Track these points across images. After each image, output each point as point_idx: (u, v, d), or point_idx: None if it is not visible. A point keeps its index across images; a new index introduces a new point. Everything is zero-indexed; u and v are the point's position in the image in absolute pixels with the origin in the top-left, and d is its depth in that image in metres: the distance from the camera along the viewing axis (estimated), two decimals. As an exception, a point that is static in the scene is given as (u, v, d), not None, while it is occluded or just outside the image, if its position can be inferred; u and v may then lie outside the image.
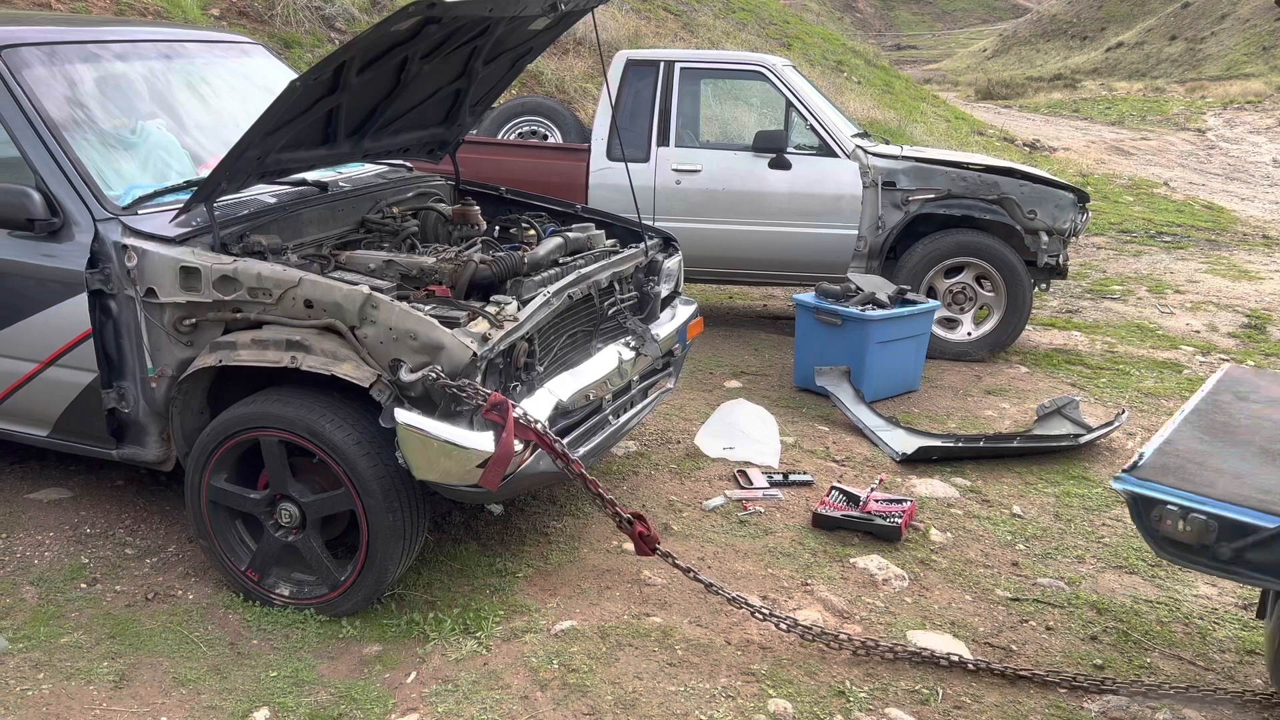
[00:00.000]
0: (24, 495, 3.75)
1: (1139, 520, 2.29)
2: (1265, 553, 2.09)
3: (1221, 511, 2.15)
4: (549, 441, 2.90)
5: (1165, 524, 2.21)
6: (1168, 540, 2.22)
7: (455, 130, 4.14)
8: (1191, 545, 2.18)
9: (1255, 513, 2.14)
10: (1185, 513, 2.17)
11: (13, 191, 3.08)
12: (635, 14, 13.37)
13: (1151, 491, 2.24)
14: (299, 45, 9.28)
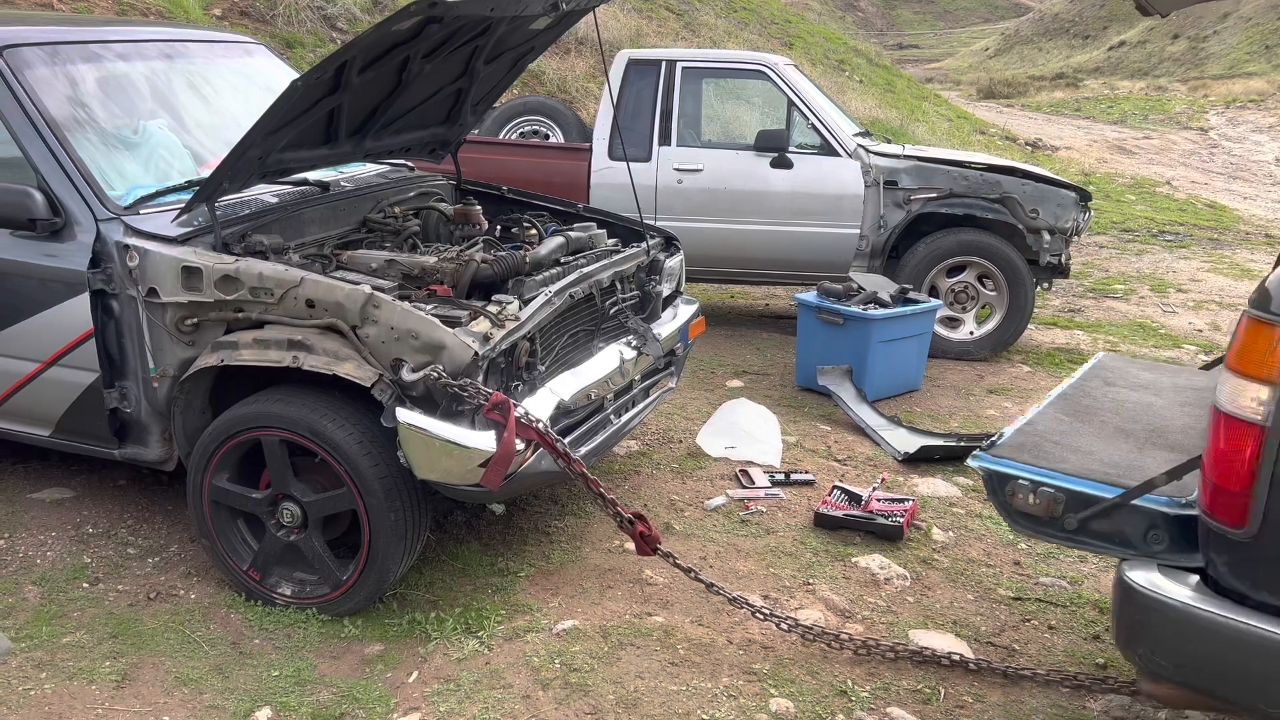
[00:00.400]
0: (26, 495, 3.75)
1: (994, 496, 2.35)
2: (1107, 522, 2.18)
3: (1068, 484, 2.23)
4: (550, 441, 2.90)
5: (1017, 498, 2.28)
6: (1020, 514, 2.29)
7: (457, 130, 4.14)
8: (1041, 518, 2.26)
9: (1099, 485, 2.22)
10: (1035, 487, 2.25)
11: (14, 191, 3.08)
12: (637, 13, 13.37)
13: (1005, 468, 2.31)
14: (301, 45, 9.29)
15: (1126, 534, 2.17)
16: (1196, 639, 1.97)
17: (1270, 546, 1.87)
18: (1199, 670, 2.01)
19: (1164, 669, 2.04)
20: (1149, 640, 2.04)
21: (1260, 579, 1.92)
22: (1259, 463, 1.84)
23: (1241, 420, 1.86)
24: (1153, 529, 2.14)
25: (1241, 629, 1.92)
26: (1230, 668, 1.96)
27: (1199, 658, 1.99)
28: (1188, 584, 2.02)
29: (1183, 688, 2.09)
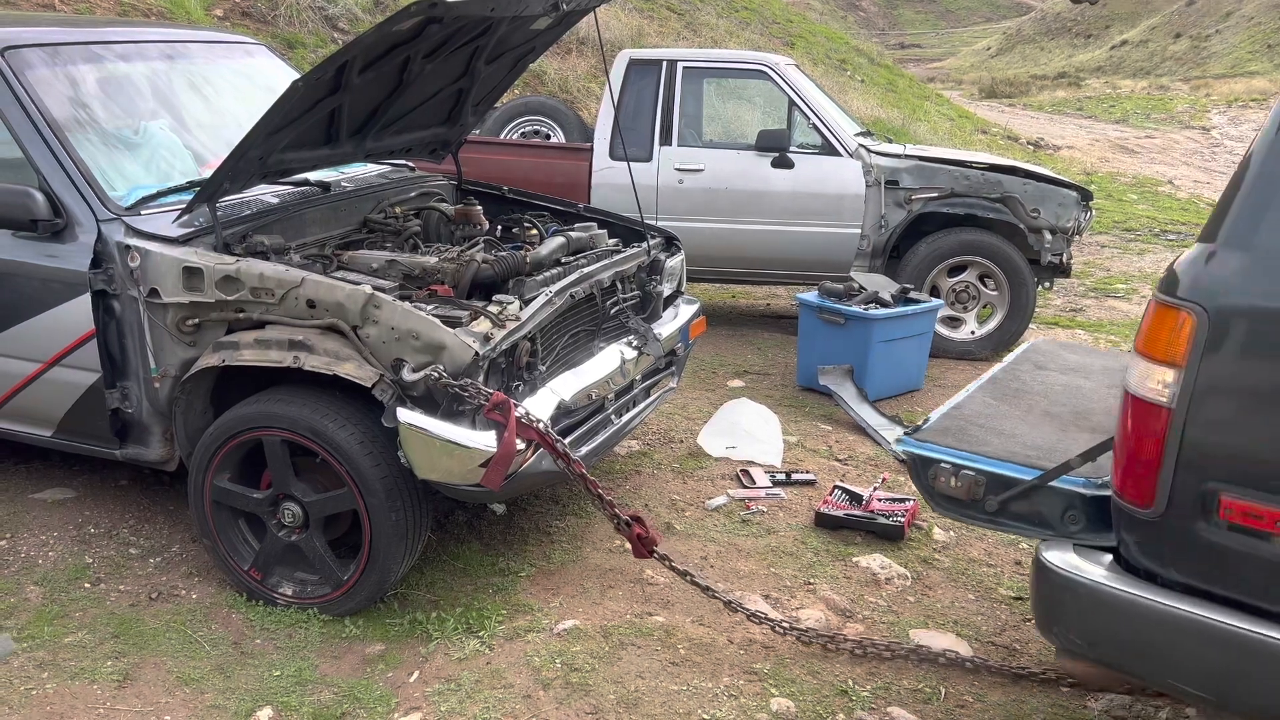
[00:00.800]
0: (28, 495, 3.76)
1: (918, 479, 2.38)
2: (1026, 504, 2.21)
3: (988, 467, 2.26)
4: (551, 441, 2.90)
5: (940, 481, 2.31)
6: (943, 496, 2.32)
7: (458, 130, 4.14)
8: (963, 500, 2.29)
9: (1018, 467, 2.25)
10: (957, 470, 2.28)
11: (16, 192, 3.09)
12: (638, 13, 13.37)
13: (928, 451, 2.34)
14: (302, 45, 9.29)
15: (1045, 515, 2.21)
16: (1107, 616, 2.01)
17: (1176, 525, 1.91)
18: (1111, 647, 2.05)
19: (1078, 646, 2.08)
20: (1064, 619, 2.07)
21: (1167, 557, 1.96)
22: (1165, 444, 1.87)
23: (1148, 402, 1.89)
24: (1070, 510, 2.18)
25: (1149, 606, 1.95)
26: (1139, 644, 2.00)
27: (1110, 635, 2.03)
28: (1101, 563, 2.06)
29: (1097, 665, 2.12)
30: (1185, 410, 1.85)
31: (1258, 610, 1.87)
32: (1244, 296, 1.83)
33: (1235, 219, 1.87)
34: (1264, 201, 1.85)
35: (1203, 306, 1.83)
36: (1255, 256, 1.83)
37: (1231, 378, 1.83)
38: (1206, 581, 1.92)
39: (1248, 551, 1.85)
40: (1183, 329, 1.84)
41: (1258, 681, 1.87)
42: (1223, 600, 1.92)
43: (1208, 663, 1.92)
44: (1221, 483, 1.85)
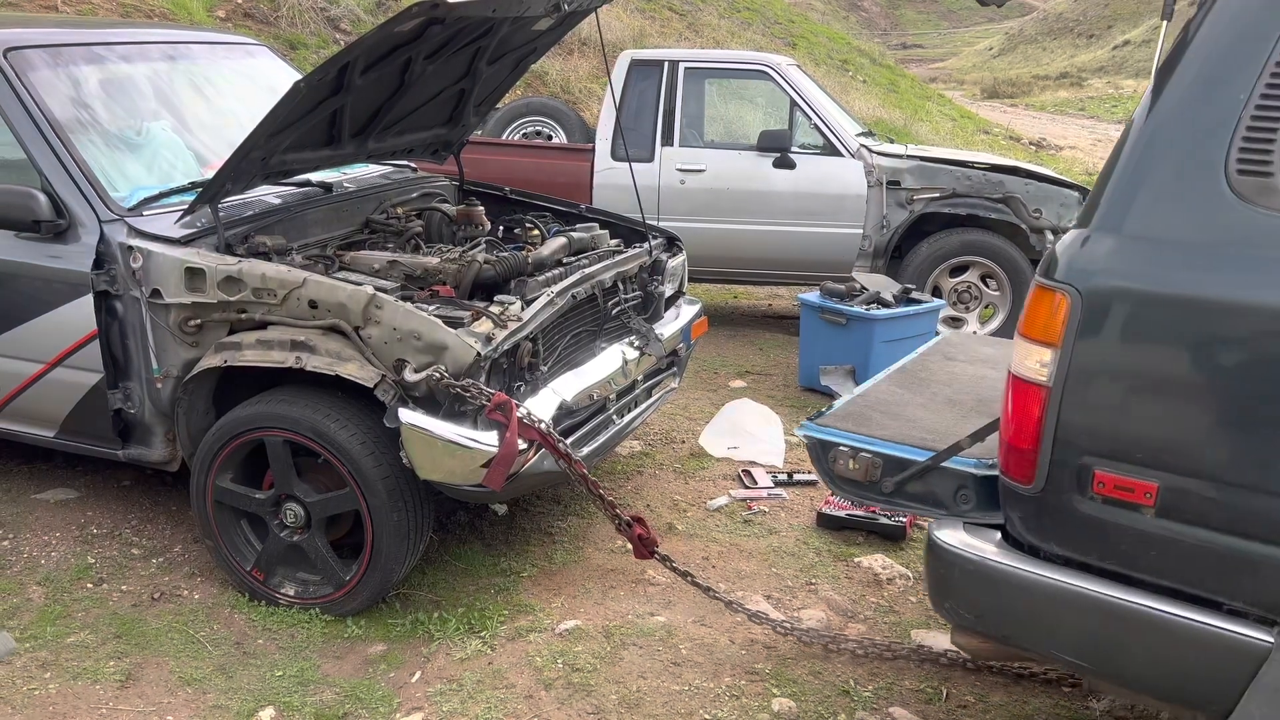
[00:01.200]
0: (31, 495, 3.76)
1: (817, 462, 2.45)
2: (920, 484, 2.28)
3: (884, 449, 2.34)
4: (552, 441, 2.91)
5: (838, 464, 2.38)
6: (841, 478, 2.40)
7: (459, 131, 4.15)
8: (861, 482, 2.36)
9: (912, 449, 2.32)
10: (855, 452, 2.36)
11: (18, 193, 3.09)
12: (639, 14, 13.37)
13: (827, 435, 2.42)
14: (304, 46, 9.30)
15: (938, 495, 2.27)
16: (992, 590, 2.09)
17: (1054, 501, 1.98)
18: (997, 620, 2.12)
19: (967, 620, 2.16)
20: (953, 594, 2.15)
21: (1047, 532, 2.02)
22: (1043, 422, 1.94)
23: (1028, 382, 1.95)
24: (961, 489, 2.24)
25: (1029, 578, 2.03)
26: (1023, 616, 2.08)
27: (996, 608, 2.10)
28: (988, 540, 2.13)
29: (985, 637, 2.19)
30: (1061, 389, 1.92)
31: (1129, 579, 1.95)
32: (1114, 278, 1.89)
33: (1107, 205, 1.94)
34: (1133, 188, 1.91)
35: (1076, 288, 1.89)
36: (1124, 240, 1.90)
37: (1103, 357, 1.90)
38: (1084, 554, 1.99)
39: (1120, 523, 1.93)
40: (1058, 310, 1.90)
41: (1129, 648, 1.95)
42: (1099, 571, 1.99)
43: (1084, 631, 2.00)
44: (1095, 458, 1.92)
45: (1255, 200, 1.80)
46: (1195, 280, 1.83)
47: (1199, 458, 1.84)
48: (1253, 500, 1.80)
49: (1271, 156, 1.80)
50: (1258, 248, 1.79)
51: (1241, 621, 1.85)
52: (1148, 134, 1.92)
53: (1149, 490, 1.88)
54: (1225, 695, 1.85)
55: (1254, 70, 1.81)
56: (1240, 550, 1.83)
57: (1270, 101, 1.80)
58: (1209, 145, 1.84)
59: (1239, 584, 1.84)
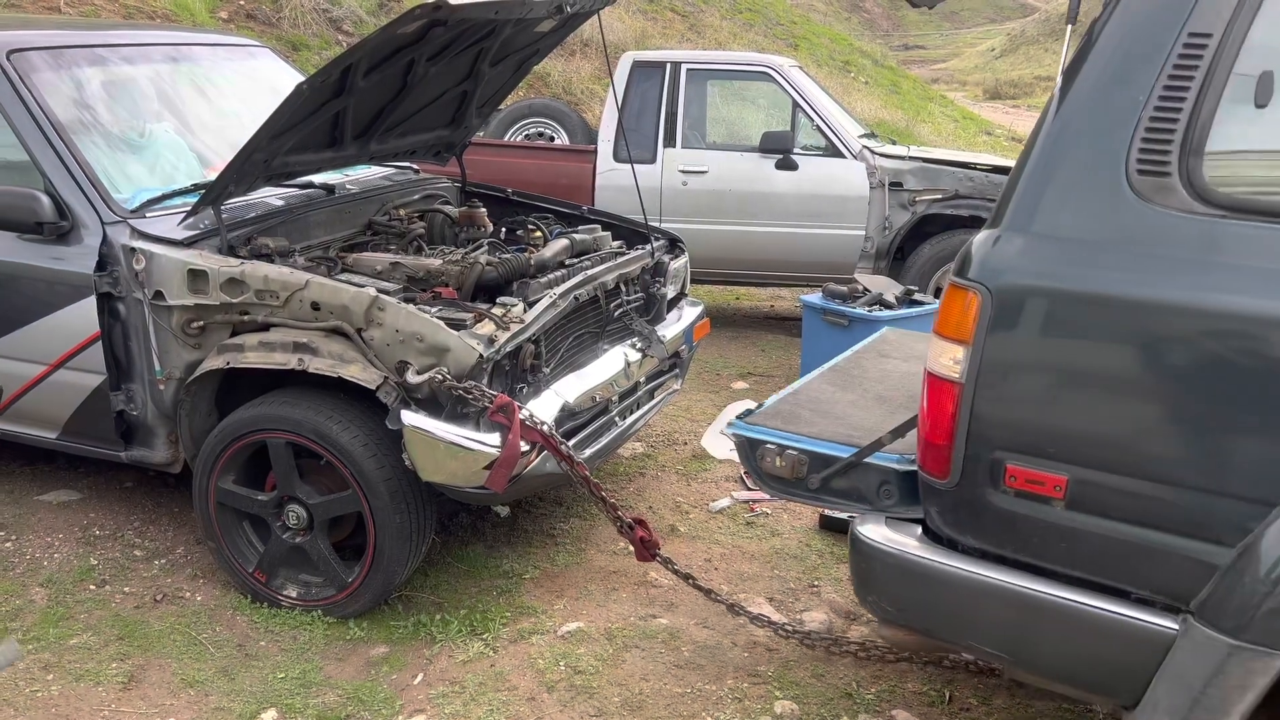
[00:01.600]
0: (33, 497, 3.76)
1: (746, 460, 2.48)
2: (845, 480, 2.32)
3: (810, 447, 2.37)
4: (555, 443, 2.90)
5: (766, 461, 2.41)
6: (770, 475, 2.42)
7: (462, 132, 4.15)
8: (788, 479, 2.39)
9: (837, 445, 2.35)
10: (782, 450, 2.38)
11: (21, 195, 3.09)
12: (642, 15, 13.37)
13: (755, 434, 2.44)
14: (306, 48, 9.31)
15: (862, 490, 2.31)
16: (911, 584, 2.12)
17: (969, 495, 2.01)
18: (917, 612, 2.16)
19: (889, 613, 2.19)
20: (875, 587, 2.18)
21: (963, 525, 2.06)
22: (957, 417, 1.98)
23: (942, 379, 1.99)
24: (884, 485, 2.28)
25: (946, 571, 2.06)
26: (941, 608, 2.11)
27: (915, 601, 2.14)
28: (909, 534, 2.16)
29: (908, 630, 2.22)
30: (973, 385, 1.95)
31: (1042, 571, 1.99)
32: (1021, 277, 1.93)
33: (1016, 205, 1.97)
34: (1040, 188, 1.95)
35: (986, 287, 1.93)
36: (1031, 239, 1.94)
37: (1011, 353, 1.94)
38: (998, 546, 2.02)
39: (1032, 516, 1.96)
40: (969, 308, 1.94)
41: (1043, 638, 1.99)
42: (1013, 563, 2.02)
43: (1000, 623, 2.03)
44: (1007, 452, 1.96)
45: (1154, 199, 1.84)
46: (1097, 278, 1.87)
47: (1104, 451, 1.88)
48: (1156, 491, 1.84)
49: (1169, 156, 1.83)
50: (1155, 246, 1.84)
51: (1149, 610, 1.88)
52: (1054, 135, 1.96)
53: (1058, 483, 1.91)
54: (1135, 683, 1.88)
55: (1152, 71, 1.84)
56: (1145, 540, 1.87)
57: (1167, 102, 1.83)
58: (1110, 145, 1.87)
59: (1145, 573, 1.88)
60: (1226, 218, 1.80)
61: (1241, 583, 1.73)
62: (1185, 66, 1.82)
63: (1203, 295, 1.79)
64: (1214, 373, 1.79)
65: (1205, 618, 1.77)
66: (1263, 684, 1.72)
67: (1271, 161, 1.99)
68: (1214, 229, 1.80)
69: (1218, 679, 1.74)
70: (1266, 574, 1.70)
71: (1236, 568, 1.75)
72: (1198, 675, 1.77)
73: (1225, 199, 1.81)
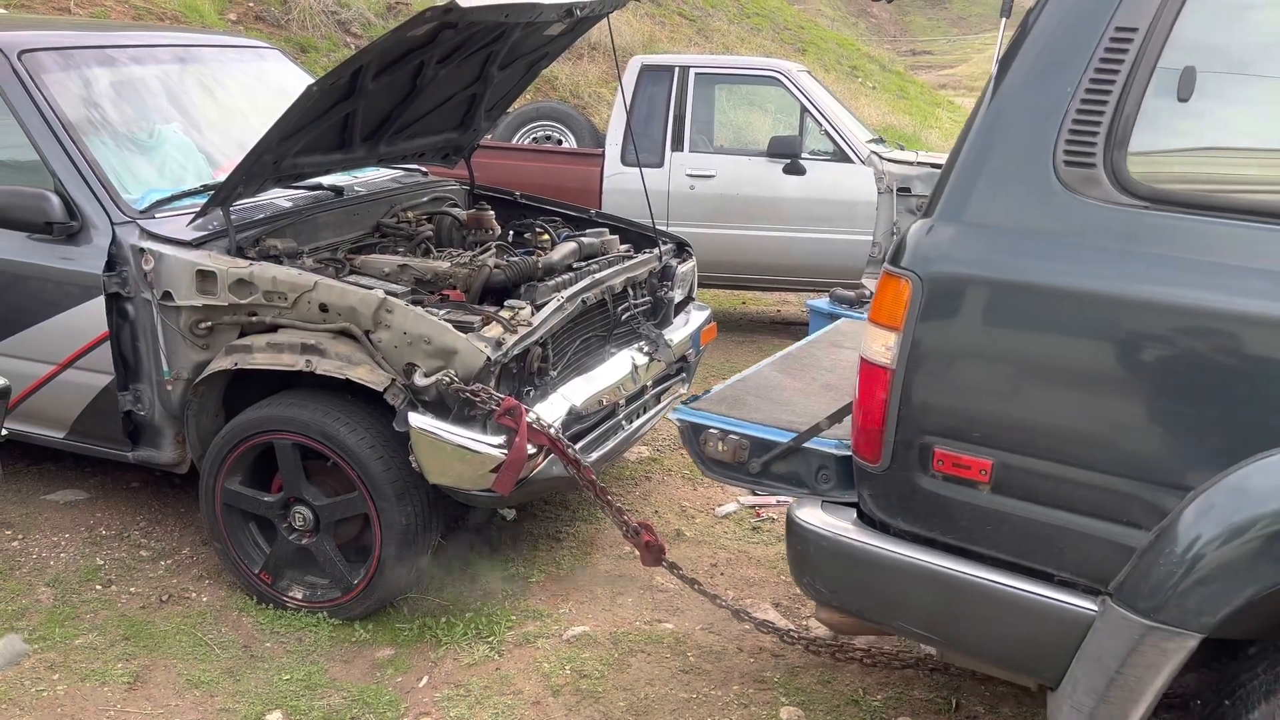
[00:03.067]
0: (40, 496, 3.77)
1: (690, 445, 2.51)
2: (784, 465, 2.35)
3: (751, 432, 2.40)
4: (561, 447, 2.90)
5: (708, 446, 2.44)
6: (712, 460, 2.45)
7: (470, 135, 4.15)
8: (729, 463, 2.42)
9: (777, 430, 2.38)
10: (724, 435, 2.42)
11: (31, 195, 3.10)
12: (650, 19, 13.38)
13: (699, 419, 2.47)
14: (315, 50, 9.33)
15: (801, 475, 2.35)
16: (843, 566, 2.16)
17: (899, 478, 2.05)
18: (850, 594, 2.20)
19: (823, 595, 2.24)
20: (809, 569, 2.22)
21: (894, 508, 2.09)
22: (888, 402, 2.01)
23: (875, 365, 2.03)
24: (822, 469, 2.31)
25: (876, 553, 2.10)
26: (872, 590, 2.15)
27: (847, 583, 2.18)
28: (844, 517, 2.19)
29: (842, 612, 2.26)
30: (904, 371, 1.99)
31: (970, 553, 2.02)
32: (951, 265, 1.96)
33: (949, 195, 2.01)
34: (972, 178, 1.98)
35: (917, 274, 1.96)
36: (963, 228, 1.98)
37: (940, 340, 1.97)
38: (927, 529, 2.06)
39: (959, 499, 2.00)
40: (901, 295, 1.98)
41: (970, 620, 2.02)
42: (942, 546, 2.05)
43: (929, 605, 2.07)
44: (935, 437, 1.99)
45: (1079, 190, 1.87)
46: (1024, 267, 1.90)
47: (1027, 436, 1.91)
48: (1076, 476, 1.87)
49: (1094, 148, 1.86)
50: (1080, 236, 1.87)
51: (1070, 592, 1.91)
52: (985, 126, 1.99)
53: (984, 467, 1.95)
54: (1058, 663, 1.91)
55: (1080, 65, 1.87)
56: (1067, 524, 1.90)
57: (1094, 95, 1.87)
58: (1039, 137, 1.90)
59: (1067, 556, 1.91)
60: (1149, 209, 1.83)
61: (1157, 565, 1.76)
62: (1111, 60, 1.85)
63: (1123, 285, 1.82)
64: (1131, 361, 1.83)
65: (1122, 599, 1.81)
66: (1175, 663, 1.75)
67: (1192, 154, 2.03)
68: (1136, 220, 1.83)
69: (1133, 658, 1.77)
70: (1180, 556, 1.73)
71: (1152, 551, 1.78)
72: (1114, 655, 1.80)
73: (1148, 191, 1.84)
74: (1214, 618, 1.70)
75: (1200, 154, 2.02)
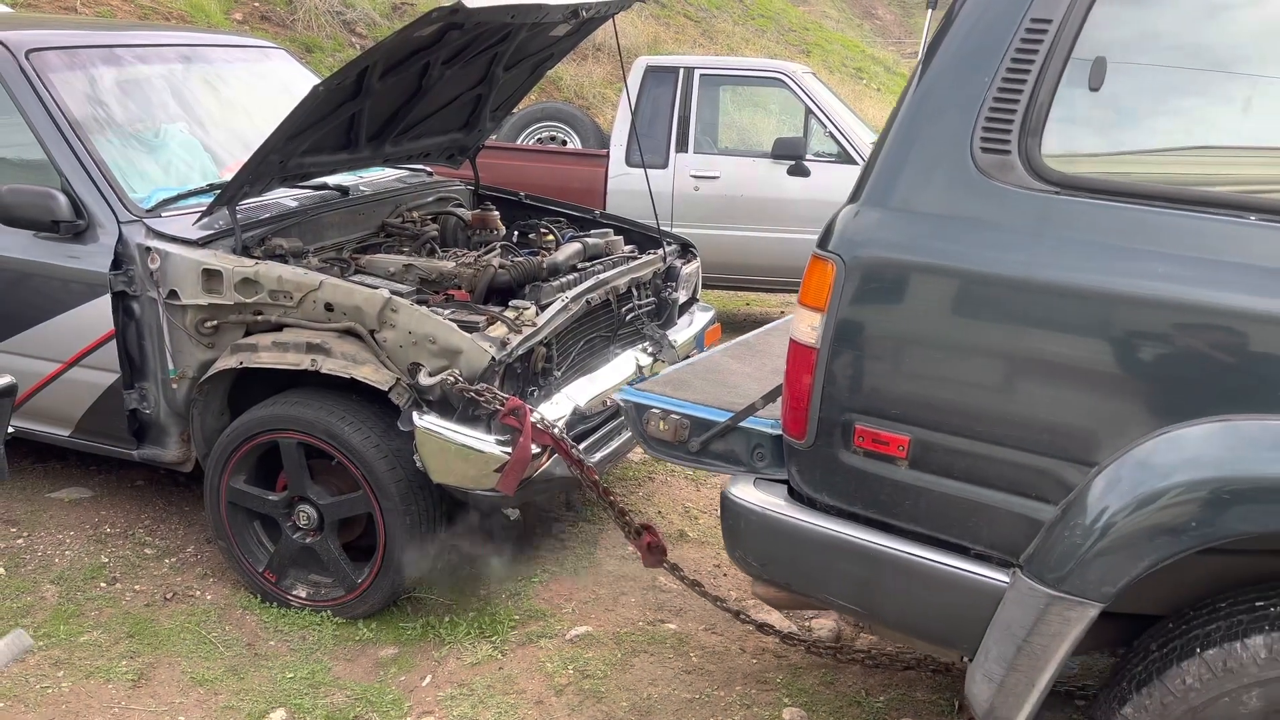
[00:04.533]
0: (45, 494, 3.78)
1: (634, 425, 2.57)
2: (722, 443, 2.41)
3: (691, 412, 2.47)
4: (565, 447, 2.90)
5: (651, 425, 2.51)
6: (654, 439, 2.52)
7: (475, 135, 4.16)
8: (671, 442, 2.49)
9: (716, 410, 2.44)
10: (666, 414, 2.49)
11: (38, 193, 3.11)
12: (654, 20, 13.39)
13: (641, 399, 2.55)
14: (320, 50, 9.34)
15: (738, 453, 2.40)
16: (773, 540, 2.23)
17: (824, 455, 2.11)
18: (779, 567, 2.25)
19: (754, 568, 2.30)
20: (741, 543, 2.28)
21: (819, 484, 2.15)
22: (813, 381, 2.08)
23: (802, 345, 2.09)
24: (758, 448, 2.37)
25: (803, 528, 2.15)
26: (798, 563, 2.22)
27: (776, 556, 2.24)
28: (774, 494, 2.25)
29: (773, 585, 2.33)
30: (828, 350, 2.05)
31: (891, 527, 2.08)
32: (873, 249, 2.02)
33: (875, 180, 2.06)
34: (896, 164, 2.04)
35: (841, 257, 2.03)
36: (886, 213, 2.03)
37: (860, 320, 2.03)
38: (850, 503, 2.12)
39: (879, 474, 2.06)
40: (826, 277, 2.04)
41: (891, 592, 2.08)
42: (865, 520, 2.11)
43: (851, 577, 2.13)
44: (856, 414, 2.06)
45: (995, 176, 1.93)
46: (940, 250, 1.96)
47: (942, 413, 1.97)
48: (988, 451, 1.93)
49: (1009, 136, 1.92)
50: (995, 221, 1.93)
51: (985, 564, 1.97)
52: (909, 114, 2.05)
53: (901, 443, 2.01)
54: (973, 634, 1.97)
55: (998, 54, 1.93)
56: (981, 498, 1.96)
57: (1009, 84, 1.92)
58: (959, 124, 1.96)
59: (981, 530, 1.97)
60: (1059, 194, 1.89)
61: (1062, 537, 1.82)
62: (1027, 50, 1.91)
63: (1032, 269, 1.87)
64: (1037, 342, 1.88)
65: (1030, 571, 1.86)
66: (1077, 632, 1.81)
67: (1103, 141, 2.09)
68: (1047, 205, 1.89)
69: (1039, 627, 1.84)
70: (1084, 529, 1.79)
71: (1059, 524, 1.84)
72: (1022, 624, 1.86)
73: (1059, 177, 1.89)
74: (1114, 587, 1.78)
75: (1110, 142, 2.08)
